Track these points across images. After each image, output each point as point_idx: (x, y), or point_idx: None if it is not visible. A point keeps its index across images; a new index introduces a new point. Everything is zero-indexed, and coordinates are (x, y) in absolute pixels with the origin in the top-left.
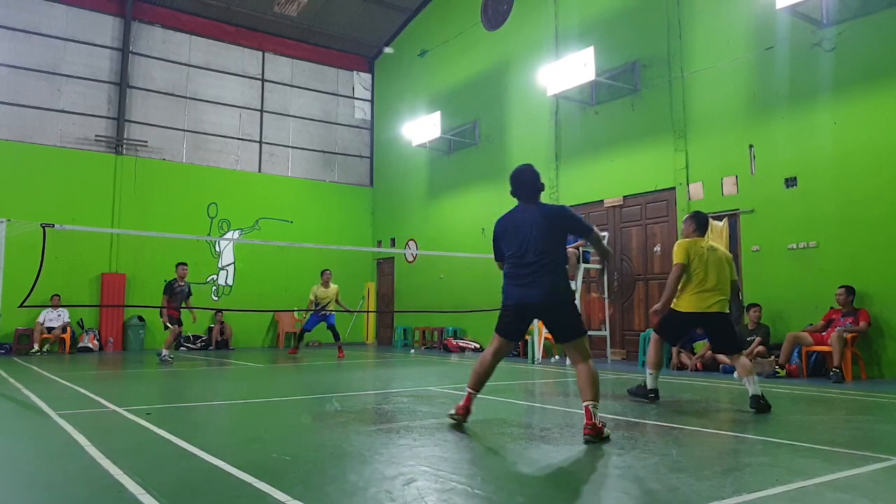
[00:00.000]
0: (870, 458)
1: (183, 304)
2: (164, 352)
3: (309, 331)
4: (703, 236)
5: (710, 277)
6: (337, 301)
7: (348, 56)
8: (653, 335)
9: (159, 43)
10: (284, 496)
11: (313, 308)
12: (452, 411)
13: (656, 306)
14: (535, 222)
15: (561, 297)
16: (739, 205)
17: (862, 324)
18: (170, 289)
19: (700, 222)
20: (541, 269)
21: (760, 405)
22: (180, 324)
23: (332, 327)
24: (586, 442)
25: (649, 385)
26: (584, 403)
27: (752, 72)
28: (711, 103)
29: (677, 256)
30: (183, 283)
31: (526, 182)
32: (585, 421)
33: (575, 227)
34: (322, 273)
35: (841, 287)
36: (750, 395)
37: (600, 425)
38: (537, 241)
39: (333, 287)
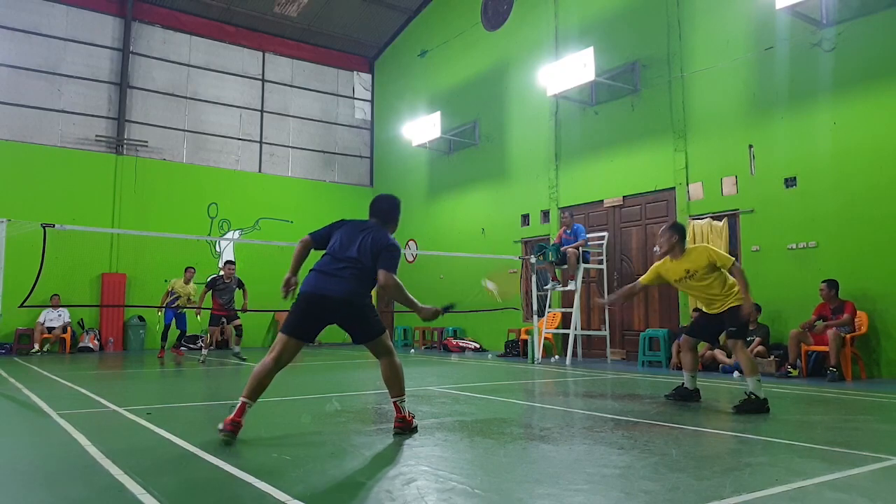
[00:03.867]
0: (870, 458)
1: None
2: (236, 349)
3: (169, 325)
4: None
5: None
6: (189, 299)
7: (348, 56)
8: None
9: (159, 43)
10: (284, 496)
11: (168, 300)
12: (220, 426)
13: None
14: (366, 237)
15: (357, 299)
16: (739, 205)
17: (846, 315)
18: (213, 284)
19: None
20: (349, 269)
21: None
22: (223, 322)
23: (182, 332)
24: (395, 434)
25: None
26: (392, 400)
27: (752, 72)
28: (711, 103)
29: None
30: (229, 280)
31: (381, 209)
32: (395, 415)
33: (384, 258)
34: (186, 270)
35: (823, 282)
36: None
37: (409, 418)
38: (358, 251)
39: (192, 286)
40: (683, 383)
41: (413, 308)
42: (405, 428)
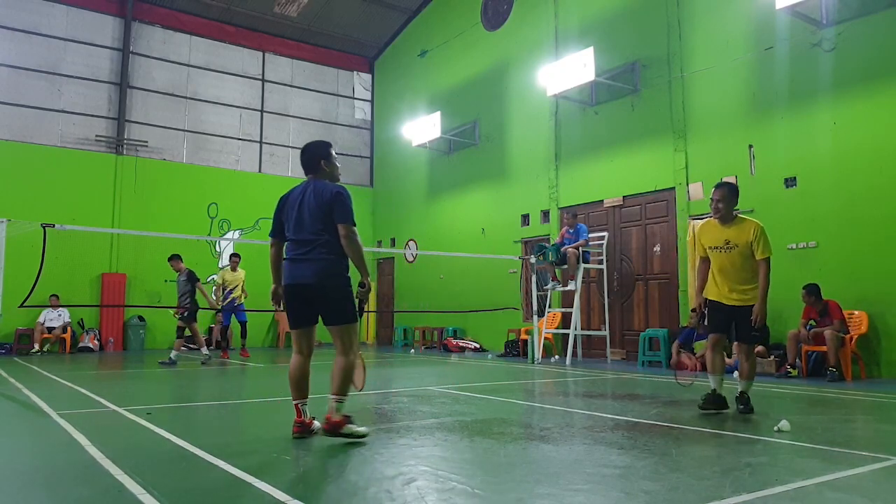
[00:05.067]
0: (870, 458)
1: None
2: (173, 353)
3: (228, 325)
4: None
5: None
6: (242, 289)
7: (348, 56)
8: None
9: (159, 43)
10: (284, 496)
11: (221, 294)
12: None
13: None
14: (307, 199)
15: (328, 280)
16: (739, 205)
17: (835, 321)
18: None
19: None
20: (315, 249)
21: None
22: (185, 319)
23: (243, 324)
24: (325, 433)
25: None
26: (330, 396)
27: (752, 72)
28: (711, 103)
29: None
30: (184, 277)
31: (305, 162)
32: (327, 415)
33: (338, 211)
34: (231, 257)
35: (802, 288)
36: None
37: (340, 420)
38: (310, 219)
39: (241, 271)
40: (714, 389)
41: (361, 272)
42: (333, 430)
